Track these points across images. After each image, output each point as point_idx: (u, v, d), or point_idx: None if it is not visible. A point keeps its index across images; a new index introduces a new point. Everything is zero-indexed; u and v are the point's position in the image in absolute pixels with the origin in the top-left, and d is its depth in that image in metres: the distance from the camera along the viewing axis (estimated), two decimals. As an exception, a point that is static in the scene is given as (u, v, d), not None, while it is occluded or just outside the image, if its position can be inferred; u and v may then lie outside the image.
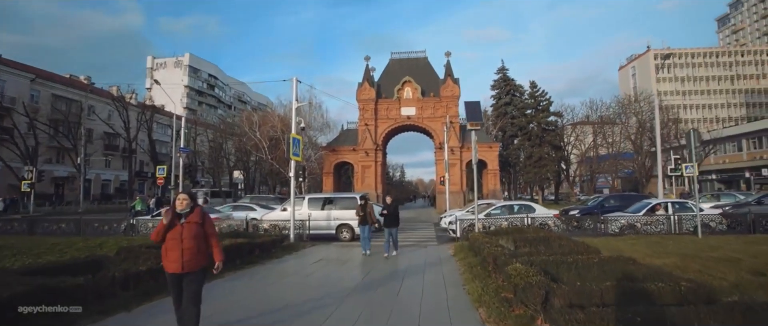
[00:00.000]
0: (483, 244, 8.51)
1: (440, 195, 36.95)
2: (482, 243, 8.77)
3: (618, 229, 13.47)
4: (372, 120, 37.92)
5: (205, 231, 4.29)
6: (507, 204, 15.95)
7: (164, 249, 4.18)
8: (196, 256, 4.15)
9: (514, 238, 8.91)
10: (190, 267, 4.10)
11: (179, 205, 4.22)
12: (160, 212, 19.10)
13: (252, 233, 12.62)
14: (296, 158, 13.40)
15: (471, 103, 12.74)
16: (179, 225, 4.16)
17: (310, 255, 11.44)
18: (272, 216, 15.56)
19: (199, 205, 4.41)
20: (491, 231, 11.70)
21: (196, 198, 4.66)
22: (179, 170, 28.13)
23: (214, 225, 4.47)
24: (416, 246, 13.74)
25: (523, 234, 10.09)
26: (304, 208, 15.06)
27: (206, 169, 63.62)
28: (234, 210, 18.41)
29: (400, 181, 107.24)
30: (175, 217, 4.19)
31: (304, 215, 14.61)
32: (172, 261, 4.11)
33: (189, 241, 4.11)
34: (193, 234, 4.15)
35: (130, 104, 52.65)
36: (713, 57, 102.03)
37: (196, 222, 4.21)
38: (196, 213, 4.26)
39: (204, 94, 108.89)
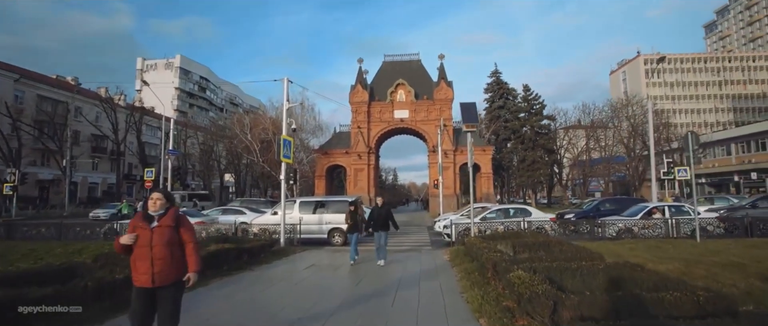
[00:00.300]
0: (481, 249, 8.19)
1: (433, 198, 36.68)
2: (480, 248, 8.45)
3: (615, 233, 13.26)
4: (365, 123, 37.59)
5: (180, 237, 3.64)
6: (503, 208, 15.69)
7: (133, 260, 3.54)
8: (170, 266, 3.52)
9: (512, 243, 8.60)
10: (162, 281, 3.47)
11: (152, 206, 3.61)
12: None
13: (240, 237, 12.16)
14: (287, 160, 12.99)
15: (467, 105, 12.45)
16: (149, 229, 3.53)
17: (300, 261, 11.03)
18: (262, 221, 15.12)
19: (174, 206, 3.80)
20: (488, 236, 11.40)
21: (173, 197, 3.98)
22: (168, 173, 27.55)
23: (192, 229, 3.82)
24: (411, 250, 13.39)
25: (522, 238, 9.79)
26: (295, 212, 14.66)
27: (197, 172, 62.72)
28: (223, 214, 17.91)
29: (392, 185, 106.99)
30: (146, 220, 3.59)
31: (295, 219, 14.20)
32: (141, 273, 3.48)
33: (161, 249, 3.48)
34: (166, 239, 3.52)
35: (119, 106, 51.80)
36: (701, 62, 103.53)
37: (169, 225, 3.58)
38: (170, 214, 3.63)
39: (195, 96, 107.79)
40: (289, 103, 13.40)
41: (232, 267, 9.12)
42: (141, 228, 3.54)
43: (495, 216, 14.77)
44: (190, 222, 3.83)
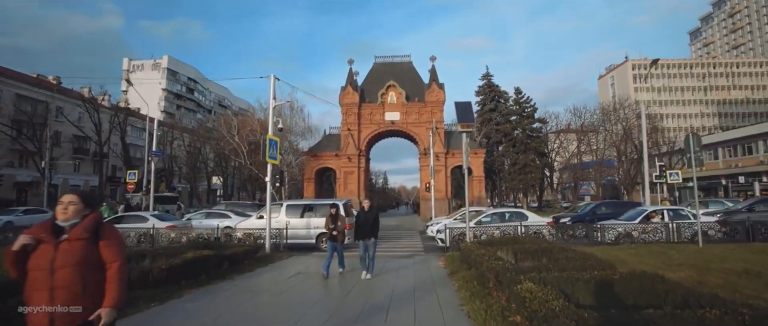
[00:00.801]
0: (480, 257, 7.62)
1: (425, 202, 36.17)
2: (478, 255, 7.87)
3: (614, 238, 12.83)
4: (355, 125, 36.98)
5: (100, 255, 2.52)
6: (498, 212, 15.16)
7: (27, 290, 2.44)
8: (81, 298, 2.41)
9: (513, 250, 8.05)
10: (66, 321, 2.38)
11: (62, 213, 2.52)
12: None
13: (223, 243, 11.42)
14: (273, 161, 12.32)
15: (462, 104, 11.95)
16: (53, 244, 2.44)
17: (286, 268, 10.34)
18: (247, 225, 14.38)
19: (96, 211, 2.68)
20: (484, 241, 10.85)
21: (94, 200, 2.87)
22: (151, 174, 26.61)
23: (120, 244, 2.63)
24: (403, 257, 12.78)
25: (521, 244, 9.25)
26: (282, 216, 13.97)
27: (183, 175, 61.37)
28: (206, 218, 17.10)
29: (383, 188, 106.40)
30: (53, 233, 2.49)
31: (282, 223, 13.51)
32: (35, 306, 2.39)
33: (67, 273, 2.38)
34: (76, 259, 2.41)
35: (103, 106, 50.45)
36: (687, 68, 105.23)
37: (82, 238, 2.47)
38: (86, 224, 2.53)
39: (183, 97, 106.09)
40: (275, 101, 12.73)
41: (211, 276, 8.41)
42: (43, 241, 2.44)
43: (490, 220, 14.25)
44: (117, 235, 2.66)
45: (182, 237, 12.86)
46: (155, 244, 12.76)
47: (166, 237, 13.08)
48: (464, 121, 11.49)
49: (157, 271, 6.70)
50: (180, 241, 12.81)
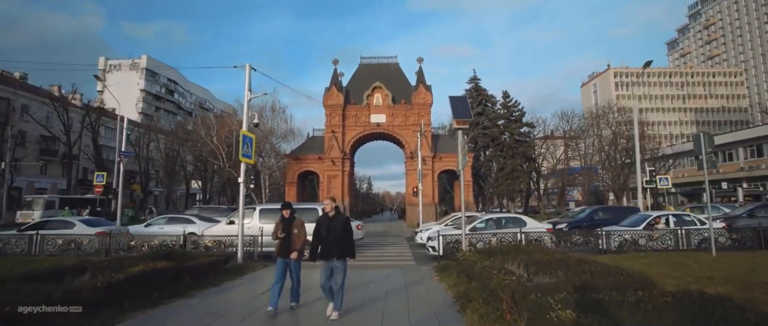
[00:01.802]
0: (485, 271, 6.47)
1: (411, 207, 35.06)
2: (483, 268, 6.73)
3: (617, 245, 11.91)
4: (339, 127, 35.70)
5: None
6: (494, 218, 14.09)
7: None
8: None
9: (522, 261, 6.93)
10: None
11: None
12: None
13: (188, 252, 10.00)
14: (247, 160, 10.99)
15: (457, 98, 10.86)
16: None
17: (259, 281, 9.02)
18: (215, 231, 12.94)
19: None
20: (483, 250, 9.74)
21: None
22: (120, 176, 24.82)
23: None
24: (392, 266, 11.57)
25: (529, 255, 8.16)
26: (255, 221, 12.64)
27: (161, 179, 58.83)
28: (168, 224, 15.48)
29: (367, 193, 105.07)
30: None
31: (255, 229, 12.18)
32: None
33: None
34: None
35: (74, 105, 47.97)
36: (666, 77, 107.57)
37: None
38: None
39: (162, 99, 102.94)
40: (251, 93, 11.43)
41: (166, 294, 7.03)
42: None
43: (485, 226, 13.19)
44: None
45: (143, 245, 11.38)
46: (110, 253, 11.25)
47: (125, 246, 11.57)
48: (460, 116, 10.39)
49: (89, 291, 5.32)
50: (141, 250, 11.34)
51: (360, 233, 16.33)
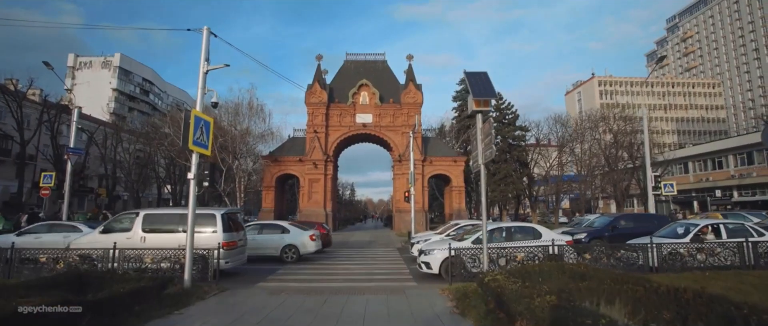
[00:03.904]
0: (562, 317, 3.98)
1: (399, 214, 32.58)
2: (550, 306, 4.24)
3: (654, 260, 9.64)
4: (322, 127, 33.04)
5: None
6: (500, 227, 11.64)
7: None
8: None
9: (614, 298, 4.48)
10: None
11: None
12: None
13: (107, 273, 7.15)
14: (200, 149, 8.32)
15: (476, 75, 8.51)
16: None
17: (212, 316, 6.34)
18: (83, 242, 10.10)
19: None
20: (515, 270, 7.29)
21: None
22: (68, 176, 21.66)
23: None
24: (388, 288, 9.00)
25: (587, 279, 5.75)
26: (137, 229, 10.17)
27: (130, 182, 54.78)
28: (48, 232, 12.61)
29: (349, 200, 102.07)
30: None
31: (136, 241, 9.82)
32: None
33: None
34: None
35: (32, 101, 44.03)
36: (648, 87, 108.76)
37: None
38: None
39: (136, 99, 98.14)
40: (209, 64, 8.78)
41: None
42: None
43: (491, 238, 10.68)
44: None
45: (58, 263, 8.49)
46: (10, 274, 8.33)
47: (30, 260, 8.63)
48: (481, 95, 8.02)
49: None
50: (54, 269, 8.47)
51: (313, 245, 14.01)
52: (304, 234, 14.32)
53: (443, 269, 9.85)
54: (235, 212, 11.75)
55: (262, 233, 14.31)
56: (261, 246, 13.62)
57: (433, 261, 10.13)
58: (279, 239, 14.05)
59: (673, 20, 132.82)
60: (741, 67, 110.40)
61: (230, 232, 10.28)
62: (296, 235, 14.19)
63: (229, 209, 11.70)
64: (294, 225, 15.35)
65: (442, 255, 10.02)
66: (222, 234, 9.92)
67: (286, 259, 13.75)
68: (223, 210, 10.57)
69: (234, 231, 10.55)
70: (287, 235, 14.15)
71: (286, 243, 13.93)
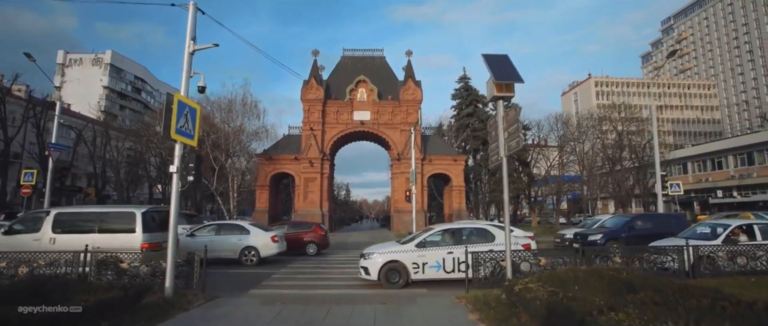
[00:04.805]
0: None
1: (397, 214, 31.63)
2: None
3: (670, 264, 8.71)
4: (319, 124, 32.02)
5: None
6: (452, 228, 10.26)
7: None
8: None
9: (693, 316, 3.57)
10: None
11: None
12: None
13: (72, 282, 6.14)
14: (184, 139, 7.32)
15: (496, 57, 7.60)
16: None
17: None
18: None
19: None
20: (548, 276, 6.36)
21: None
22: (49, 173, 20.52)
23: None
24: (393, 296, 8.05)
25: (648, 289, 4.84)
26: (46, 230, 9.23)
27: (120, 182, 53.39)
28: None
29: (345, 200, 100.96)
30: None
31: (46, 243, 8.97)
32: None
33: None
34: None
35: (17, 97, 42.64)
36: (644, 88, 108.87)
37: None
38: None
39: (128, 97, 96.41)
40: (195, 44, 7.79)
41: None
42: None
43: (440, 240, 9.61)
44: None
45: (20, 267, 7.45)
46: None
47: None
48: (504, 78, 7.11)
49: None
50: (16, 274, 7.43)
51: (275, 247, 13.09)
52: (265, 235, 13.46)
53: (382, 275, 9.03)
54: (161, 209, 10.75)
55: (219, 234, 13.35)
56: (217, 248, 12.54)
57: (371, 267, 9.19)
58: (238, 240, 13.11)
59: (668, 22, 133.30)
60: (735, 68, 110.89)
61: (153, 233, 9.34)
62: (257, 236, 13.30)
63: (154, 207, 10.79)
64: (256, 225, 14.49)
65: (381, 259, 9.18)
66: (141, 235, 9.01)
67: (245, 262, 12.82)
68: (145, 208, 9.64)
69: (160, 231, 9.58)
70: (247, 236, 13.23)
71: (246, 245, 13.01)
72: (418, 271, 9.03)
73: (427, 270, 9.06)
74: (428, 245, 9.40)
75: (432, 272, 9.07)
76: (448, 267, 9.04)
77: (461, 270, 8.88)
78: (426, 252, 9.21)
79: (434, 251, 9.24)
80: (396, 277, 9.00)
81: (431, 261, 9.11)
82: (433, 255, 9.16)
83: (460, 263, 8.93)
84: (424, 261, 9.09)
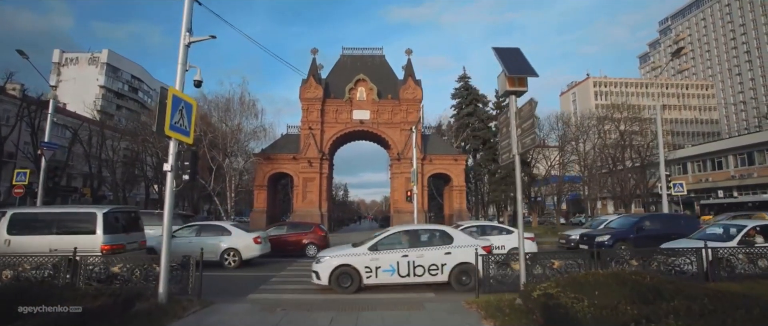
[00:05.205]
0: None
1: (397, 215, 31.22)
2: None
3: (688, 267, 8.36)
4: (318, 123, 31.59)
5: None
6: (409, 230, 9.65)
7: None
8: None
9: None
10: None
11: None
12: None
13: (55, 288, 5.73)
14: (179, 135, 6.92)
15: (507, 50, 7.22)
16: None
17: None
18: None
19: None
20: (566, 283, 5.98)
21: None
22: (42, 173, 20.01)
23: None
24: (400, 301, 7.66)
25: (681, 297, 4.48)
26: (1, 232, 8.89)
27: (117, 182, 52.79)
28: None
29: (343, 200, 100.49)
30: None
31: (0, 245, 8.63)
32: None
33: None
34: None
35: (11, 96, 42.11)
36: (642, 87, 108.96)
37: None
38: None
39: (125, 97, 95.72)
40: (191, 36, 7.38)
41: None
42: None
43: (393, 243, 9.08)
44: None
45: (4, 270, 7.03)
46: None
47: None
48: (517, 72, 6.73)
49: None
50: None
51: (257, 248, 12.73)
52: (247, 236, 13.08)
53: (334, 280, 8.65)
54: (126, 210, 10.42)
55: (200, 235, 12.95)
56: (197, 250, 12.16)
57: (321, 271, 8.75)
58: (218, 242, 12.71)
59: (666, 22, 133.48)
60: (733, 69, 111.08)
61: (115, 234, 9.00)
62: (239, 238, 12.92)
63: (117, 207, 10.46)
64: (237, 226, 14.09)
65: (332, 263, 8.77)
66: (102, 236, 8.65)
67: (226, 265, 12.42)
68: (107, 208, 9.24)
69: (124, 232, 9.28)
70: (228, 238, 12.86)
71: (227, 247, 12.62)
72: (371, 275, 8.63)
73: (381, 274, 8.64)
74: (382, 248, 8.91)
75: (386, 276, 8.66)
76: (402, 271, 8.62)
77: (417, 275, 8.59)
78: (379, 256, 8.76)
79: (388, 254, 8.79)
80: (347, 282, 8.62)
81: (385, 264, 8.65)
82: (386, 259, 8.72)
83: (416, 267, 8.61)
84: (377, 265, 8.65)
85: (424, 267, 8.64)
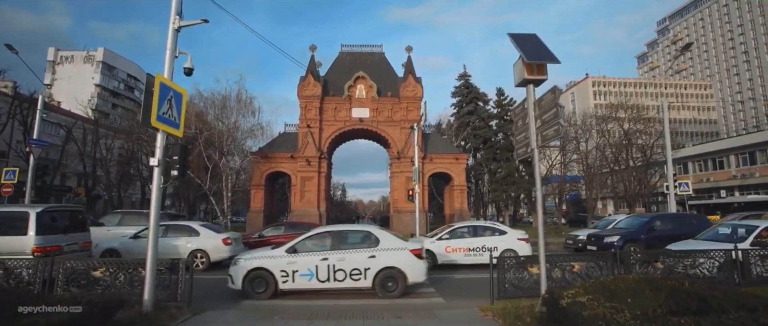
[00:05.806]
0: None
1: (397, 215, 30.65)
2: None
3: (711, 270, 7.85)
4: (316, 121, 30.98)
5: None
6: (333, 231, 8.97)
7: None
8: None
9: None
10: None
11: None
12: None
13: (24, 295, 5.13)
14: (167, 127, 6.33)
15: (524, 36, 6.67)
16: None
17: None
18: None
19: None
20: (594, 288, 5.42)
21: None
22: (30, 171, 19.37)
23: None
24: (407, 307, 7.09)
25: (731, 305, 3.93)
26: None
27: (111, 181, 52.05)
28: None
29: (341, 200, 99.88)
30: None
31: None
32: None
33: None
34: None
35: (3, 94, 41.40)
36: (641, 87, 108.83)
37: None
38: None
39: (120, 95, 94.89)
40: (181, 19, 6.79)
41: None
42: None
43: (316, 246, 8.47)
44: None
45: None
46: None
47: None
48: (535, 58, 6.18)
49: None
50: None
51: (227, 250, 12.08)
52: (216, 237, 12.49)
53: (247, 284, 8.09)
54: (68, 209, 9.79)
55: (166, 235, 12.24)
56: (163, 252, 11.46)
57: (235, 274, 8.21)
58: (185, 243, 12.10)
59: (664, 23, 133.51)
60: (731, 69, 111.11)
61: (51, 235, 8.40)
62: (207, 239, 12.31)
63: (54, 206, 9.87)
64: (206, 226, 13.44)
65: (247, 265, 8.21)
66: (34, 237, 8.06)
67: (194, 267, 11.82)
68: (41, 207, 8.63)
69: (63, 233, 8.71)
70: (196, 238, 12.26)
71: (194, 248, 12.00)
72: (288, 280, 8.06)
73: (298, 278, 8.05)
74: (301, 250, 8.30)
75: (303, 281, 8.08)
76: (321, 275, 8.03)
77: (338, 279, 7.98)
78: (297, 259, 8.14)
79: (307, 257, 8.17)
80: (262, 287, 8.06)
81: (302, 268, 8.05)
82: (304, 262, 8.10)
83: (337, 271, 8.00)
84: (294, 269, 8.04)
85: (346, 271, 8.00)
